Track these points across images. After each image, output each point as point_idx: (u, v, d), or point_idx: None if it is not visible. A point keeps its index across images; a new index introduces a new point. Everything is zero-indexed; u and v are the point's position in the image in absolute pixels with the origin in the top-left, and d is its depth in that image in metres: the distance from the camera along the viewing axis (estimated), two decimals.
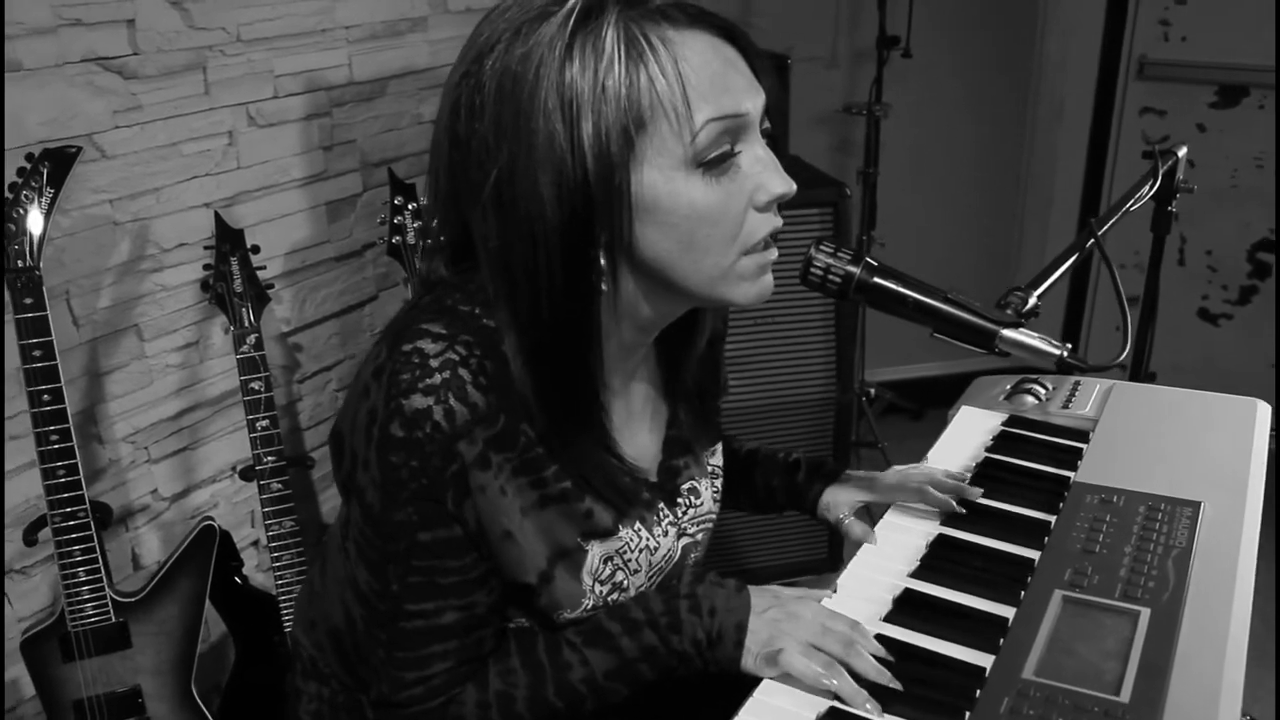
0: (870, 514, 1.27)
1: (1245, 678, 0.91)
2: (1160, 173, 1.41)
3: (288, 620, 1.85)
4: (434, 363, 0.85)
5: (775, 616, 0.97)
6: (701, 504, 1.11)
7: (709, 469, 1.14)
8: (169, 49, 1.79)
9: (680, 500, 1.08)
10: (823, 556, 2.55)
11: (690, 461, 1.10)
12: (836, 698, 0.92)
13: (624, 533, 0.99)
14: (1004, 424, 1.38)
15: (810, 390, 2.36)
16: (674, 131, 0.83)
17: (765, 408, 2.34)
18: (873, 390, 3.12)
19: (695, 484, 1.10)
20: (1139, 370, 1.63)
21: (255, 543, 2.15)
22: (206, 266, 1.80)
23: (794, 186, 0.88)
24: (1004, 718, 0.87)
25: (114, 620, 1.63)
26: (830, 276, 0.93)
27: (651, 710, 1.04)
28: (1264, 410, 1.34)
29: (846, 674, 0.92)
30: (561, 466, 0.93)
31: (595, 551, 0.97)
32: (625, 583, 1.01)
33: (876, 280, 0.93)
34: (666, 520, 1.06)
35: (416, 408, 0.84)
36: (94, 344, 1.78)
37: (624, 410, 1.02)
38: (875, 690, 0.91)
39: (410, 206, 1.94)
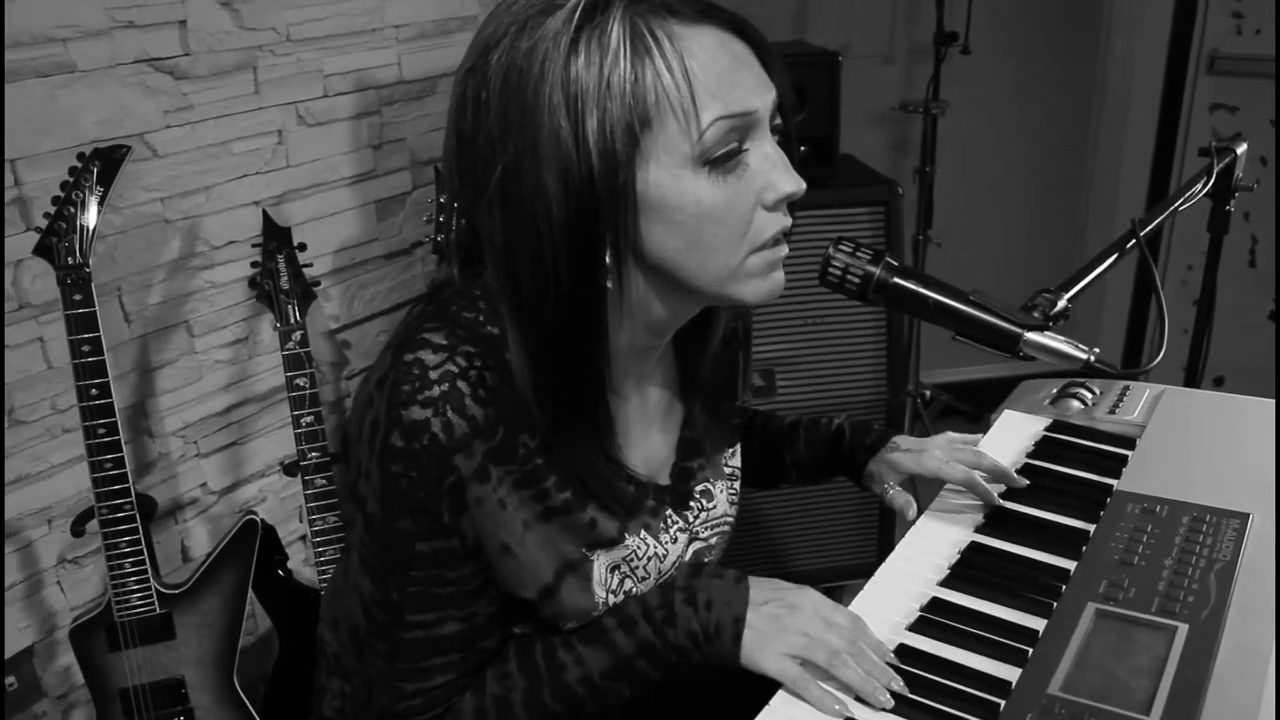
0: (914, 485, 1.24)
1: None
2: (1215, 170, 1.35)
3: None
4: (433, 374, 0.85)
5: (774, 611, 0.95)
6: (715, 507, 1.09)
7: (725, 471, 1.12)
8: (219, 49, 1.82)
9: (692, 503, 1.06)
10: (871, 560, 2.51)
11: (704, 463, 1.08)
12: (860, 701, 0.90)
13: (630, 541, 0.98)
14: (1047, 429, 1.34)
15: (861, 392, 2.32)
16: (680, 129, 0.81)
17: (815, 409, 2.30)
18: (928, 392, 3.07)
19: (709, 486, 1.09)
20: (1194, 374, 1.57)
21: (303, 537, 2.18)
22: (255, 264, 1.82)
23: (803, 186, 0.86)
24: None
25: (159, 611, 1.66)
26: (849, 276, 0.90)
27: (663, 711, 1.03)
28: None
29: (852, 663, 0.91)
30: (561, 476, 0.92)
31: (601, 561, 0.96)
32: (634, 591, 0.99)
33: (896, 281, 0.90)
34: (675, 526, 1.04)
35: (415, 419, 0.84)
36: (144, 339, 1.82)
37: (637, 413, 1.01)
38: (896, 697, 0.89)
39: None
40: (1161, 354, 0.95)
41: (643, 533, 0.99)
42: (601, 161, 0.80)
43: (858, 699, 0.90)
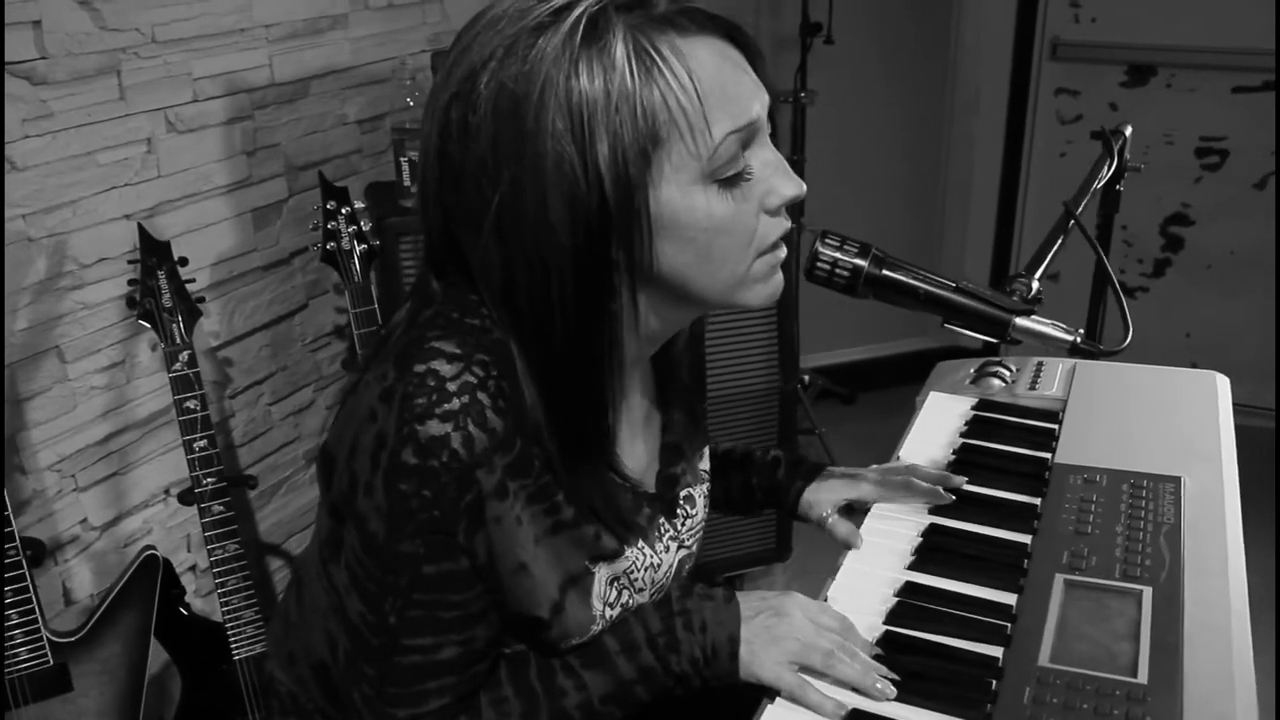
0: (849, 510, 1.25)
1: None
2: (1115, 151, 1.42)
3: (236, 648, 1.77)
4: (451, 386, 0.80)
5: (766, 622, 0.95)
6: (696, 513, 1.08)
7: (702, 475, 1.11)
8: (79, 52, 1.69)
9: (679, 510, 1.05)
10: (771, 547, 2.55)
11: (686, 468, 1.07)
12: (857, 691, 0.91)
13: (630, 552, 0.96)
14: (974, 408, 1.38)
15: (754, 381, 2.35)
16: (691, 147, 0.80)
17: (711, 400, 2.31)
18: (806, 377, 3.13)
19: (691, 491, 1.07)
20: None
21: (192, 568, 2.05)
22: (131, 282, 1.70)
23: (804, 188, 0.87)
24: (1029, 707, 0.86)
25: (52, 663, 1.54)
26: (838, 271, 0.90)
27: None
28: (1224, 383, 1.36)
29: (847, 660, 0.92)
30: (569, 490, 0.89)
31: (602, 574, 0.93)
32: (631, 602, 0.97)
33: (886, 273, 0.91)
34: (668, 535, 1.02)
35: (433, 434, 0.79)
36: (12, 369, 1.67)
37: (624, 424, 0.99)
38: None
39: (344, 211, 1.87)
40: (1130, 335, 0.99)
41: (640, 543, 0.97)
42: (614, 187, 0.78)
43: (854, 691, 0.91)
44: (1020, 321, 0.91)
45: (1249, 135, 2.96)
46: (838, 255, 0.91)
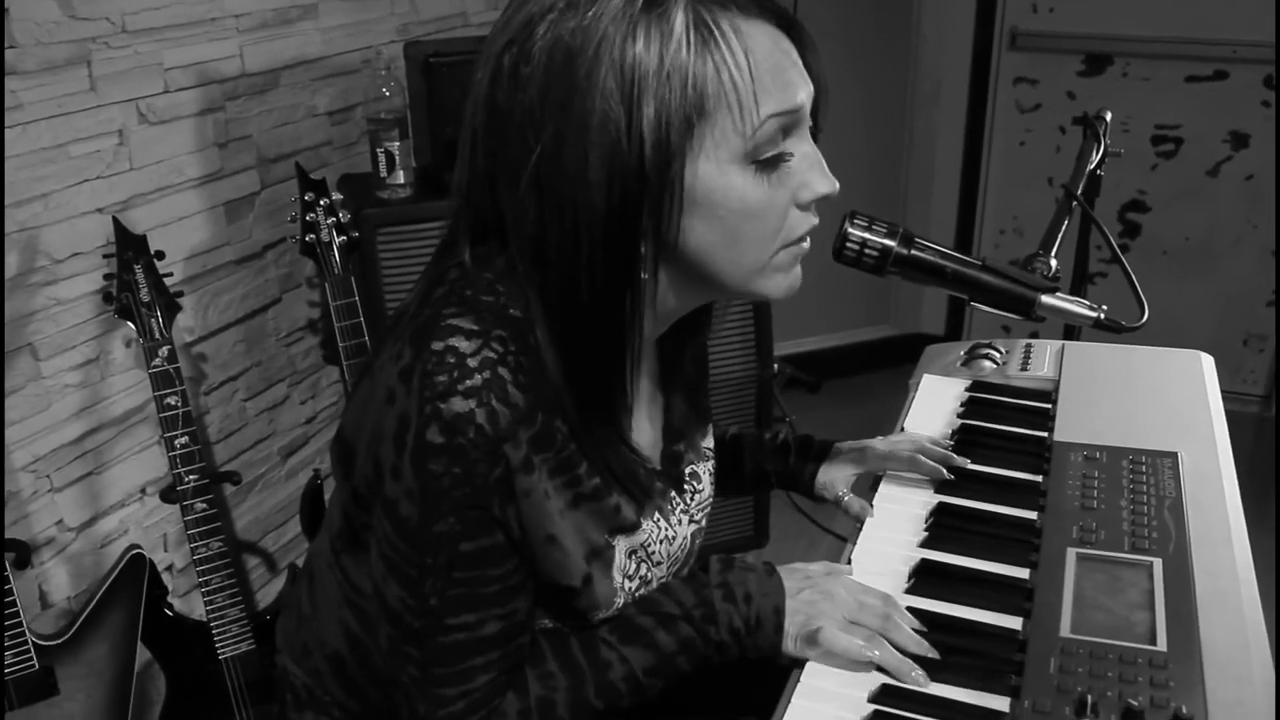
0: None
1: None
2: (1100, 136, 1.45)
3: (221, 647, 1.74)
4: (472, 362, 0.80)
5: (811, 597, 0.96)
6: (703, 489, 1.09)
7: (706, 453, 1.12)
8: (49, 41, 1.65)
9: (687, 486, 1.06)
10: (749, 534, 2.57)
11: (688, 446, 1.08)
12: (882, 671, 0.92)
13: (646, 525, 0.97)
14: (969, 389, 1.40)
15: (732, 369, 2.36)
16: (735, 124, 0.81)
17: None
18: (775, 365, 3.15)
19: (695, 468, 1.08)
20: (1071, 329, 1.68)
21: (169, 567, 2.02)
22: (107, 276, 1.67)
23: (837, 186, 0.88)
24: (1055, 677, 0.88)
25: (38, 667, 1.50)
26: (867, 251, 0.91)
27: (687, 700, 1.02)
28: (1208, 362, 1.40)
29: (888, 645, 0.93)
30: (590, 461, 0.89)
31: (621, 546, 0.94)
32: (649, 575, 0.98)
33: (915, 253, 0.92)
34: (679, 508, 1.03)
35: (457, 411, 0.79)
36: None
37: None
38: (915, 660, 0.91)
39: (323, 202, 1.84)
40: (1146, 313, 1.01)
41: (656, 515, 0.98)
42: (654, 151, 0.78)
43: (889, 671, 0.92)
44: (1046, 299, 0.93)
45: (1202, 123, 3.03)
46: (867, 235, 0.91)
